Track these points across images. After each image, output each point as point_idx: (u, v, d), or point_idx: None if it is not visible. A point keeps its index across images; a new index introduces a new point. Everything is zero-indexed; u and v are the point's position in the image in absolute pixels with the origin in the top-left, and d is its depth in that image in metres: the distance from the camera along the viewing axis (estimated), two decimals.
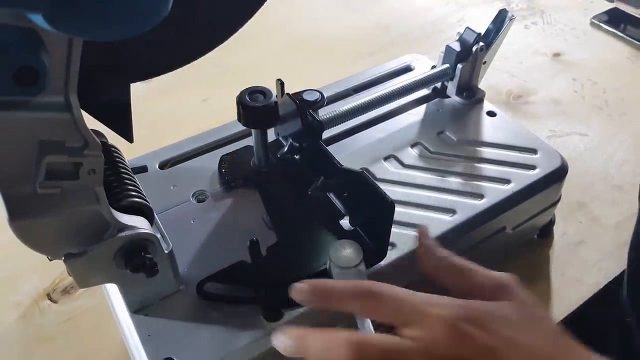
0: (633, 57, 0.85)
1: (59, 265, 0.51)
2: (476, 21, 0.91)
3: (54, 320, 0.49)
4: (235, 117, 0.53)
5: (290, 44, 0.86)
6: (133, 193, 0.36)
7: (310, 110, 0.45)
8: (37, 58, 0.25)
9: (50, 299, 0.50)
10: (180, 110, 0.72)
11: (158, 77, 0.40)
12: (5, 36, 0.24)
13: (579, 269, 0.55)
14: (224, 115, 0.58)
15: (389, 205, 0.38)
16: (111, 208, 0.33)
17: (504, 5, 0.97)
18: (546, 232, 0.58)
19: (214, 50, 0.40)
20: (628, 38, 0.87)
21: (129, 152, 0.43)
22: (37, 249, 0.31)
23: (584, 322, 0.54)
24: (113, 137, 0.39)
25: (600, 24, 0.89)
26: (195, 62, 0.40)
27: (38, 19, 0.18)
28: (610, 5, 0.95)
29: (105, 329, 0.48)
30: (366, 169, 0.49)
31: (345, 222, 0.44)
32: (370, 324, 0.35)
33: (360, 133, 0.54)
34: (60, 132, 0.29)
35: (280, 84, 0.45)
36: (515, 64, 0.82)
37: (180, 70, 0.40)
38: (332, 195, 0.46)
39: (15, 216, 0.29)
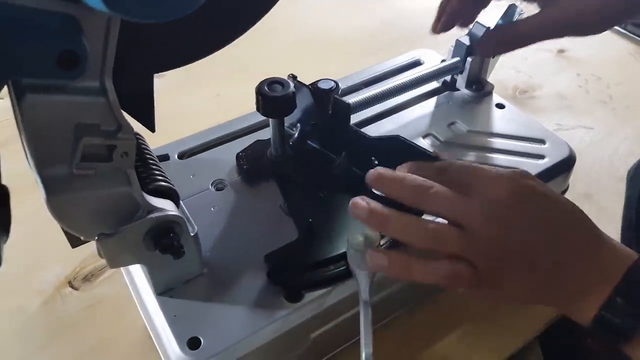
0: (635, 53, 0.86)
1: (80, 253, 0.53)
2: (482, 17, 0.92)
3: (75, 307, 0.50)
4: (248, 110, 0.55)
5: (297, 42, 0.87)
6: (160, 177, 0.38)
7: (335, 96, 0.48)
8: (78, 42, 0.26)
9: (72, 287, 0.51)
10: (194, 104, 0.74)
11: (172, 72, 0.42)
12: (48, 22, 0.26)
13: None
14: (236, 109, 0.59)
15: (433, 159, 0.39)
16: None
17: (509, 1, 0.99)
18: None
19: (225, 48, 0.42)
20: (630, 35, 0.88)
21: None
22: (72, 228, 0.33)
23: None
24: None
25: None
26: (208, 58, 0.42)
27: (94, 1, 0.20)
28: None
29: (126, 314, 0.49)
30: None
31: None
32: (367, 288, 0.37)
33: (370, 125, 0.55)
34: (96, 116, 0.30)
35: (293, 77, 0.47)
36: (520, 60, 0.84)
37: (193, 66, 0.41)
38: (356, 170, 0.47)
39: (52, 194, 0.30)
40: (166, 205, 0.36)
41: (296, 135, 0.50)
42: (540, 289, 0.34)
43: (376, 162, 0.45)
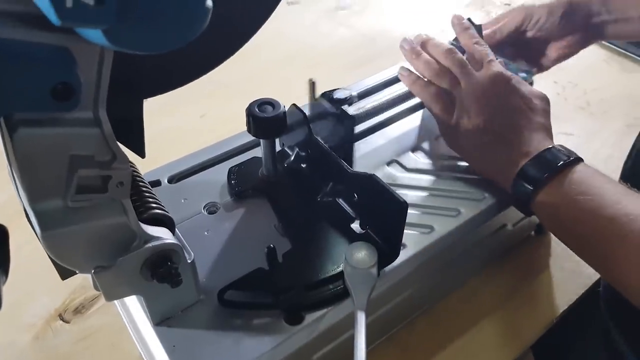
0: (609, 59, 0.89)
1: (69, 284, 0.52)
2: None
3: (68, 341, 0.48)
4: (235, 129, 0.55)
5: (280, 59, 0.88)
6: (154, 205, 0.37)
7: (342, 107, 0.51)
8: (73, 74, 0.26)
9: (63, 319, 0.50)
10: (179, 126, 0.73)
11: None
12: (41, 54, 0.25)
13: (577, 262, 0.57)
14: (222, 130, 0.59)
15: (401, 204, 0.39)
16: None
17: (483, 14, 1.01)
18: (543, 228, 0.60)
19: None
20: (604, 42, 0.91)
21: None
22: (68, 263, 0.32)
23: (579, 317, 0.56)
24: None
25: None
26: None
27: (94, 35, 0.19)
28: None
29: (121, 346, 0.48)
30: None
31: (355, 226, 0.46)
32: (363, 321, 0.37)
33: (359, 142, 0.55)
34: (90, 147, 0.30)
35: (312, 84, 0.50)
36: None
37: None
38: (341, 201, 0.47)
39: (47, 229, 0.30)
40: (162, 234, 0.35)
41: (292, 158, 0.50)
42: (484, 153, 0.48)
43: (355, 198, 0.46)
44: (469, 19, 0.57)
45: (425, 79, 0.53)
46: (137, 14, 0.19)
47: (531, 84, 0.61)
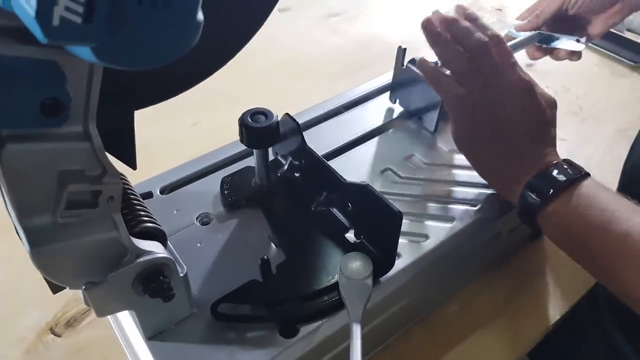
0: (600, 63, 0.89)
1: (60, 299, 0.51)
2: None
3: (60, 355, 0.48)
4: (228, 137, 0.54)
5: (274, 66, 0.87)
6: (145, 218, 0.37)
7: None
8: (62, 89, 0.26)
9: (54, 333, 0.49)
10: (171, 135, 0.73)
11: None
12: (30, 69, 0.25)
13: (571, 268, 0.57)
14: (215, 138, 0.59)
15: (396, 214, 0.39)
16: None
17: None
18: (537, 234, 0.60)
19: None
20: (595, 47, 0.91)
21: None
22: (58, 280, 0.31)
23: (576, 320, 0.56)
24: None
25: None
26: None
27: (82, 52, 0.19)
28: None
29: (113, 359, 0.47)
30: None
31: (350, 236, 0.45)
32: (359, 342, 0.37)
33: (351, 150, 0.55)
34: (80, 161, 0.29)
35: (403, 50, 0.56)
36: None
37: None
38: (335, 210, 0.47)
39: (36, 247, 0.29)
40: (154, 247, 0.35)
41: (286, 167, 0.50)
42: (496, 162, 0.47)
43: (349, 208, 0.45)
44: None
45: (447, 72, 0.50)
46: (127, 30, 0.18)
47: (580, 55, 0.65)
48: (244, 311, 0.40)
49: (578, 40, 0.63)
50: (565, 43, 0.64)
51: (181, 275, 0.37)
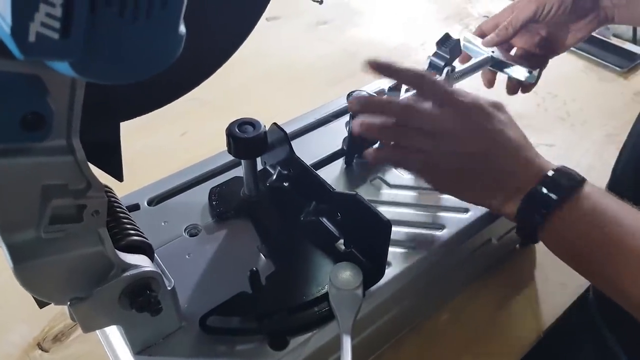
0: (587, 69, 0.90)
1: (47, 313, 0.50)
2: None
3: None
4: (216, 147, 0.54)
5: (262, 75, 0.87)
6: (132, 232, 0.36)
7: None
8: (43, 103, 0.25)
9: (42, 349, 0.49)
10: (159, 145, 0.72)
11: None
12: (10, 83, 0.25)
13: (562, 273, 0.57)
14: (204, 147, 0.58)
15: (385, 224, 0.39)
16: None
17: (461, 27, 1.02)
18: (527, 241, 0.60)
19: None
20: (581, 52, 0.92)
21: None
22: (42, 296, 0.31)
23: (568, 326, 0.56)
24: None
25: None
26: None
27: (61, 67, 0.19)
28: None
29: None
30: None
31: (339, 245, 0.45)
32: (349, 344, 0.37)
33: (340, 159, 0.55)
34: (64, 176, 0.29)
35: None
36: (480, 81, 0.86)
37: None
38: (324, 220, 0.47)
39: (19, 262, 0.29)
40: (141, 261, 0.35)
41: (274, 177, 0.50)
42: (484, 192, 0.44)
43: (338, 217, 0.45)
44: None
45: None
46: (106, 44, 0.18)
47: (535, 82, 0.63)
48: (234, 324, 0.40)
49: (530, 72, 0.61)
50: (517, 71, 0.62)
51: (169, 288, 0.36)
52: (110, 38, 0.19)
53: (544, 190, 0.40)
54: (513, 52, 0.66)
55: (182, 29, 0.21)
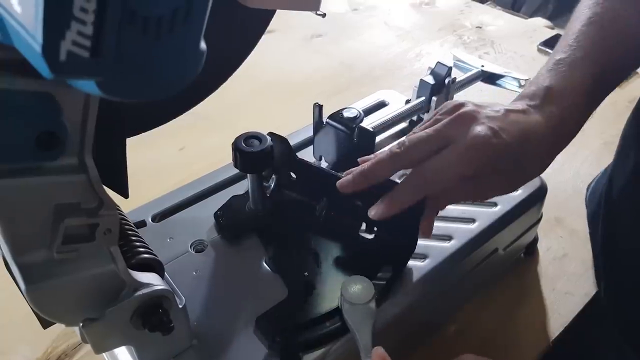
0: None
1: (50, 334, 0.49)
2: (432, 56, 0.95)
3: None
4: (216, 161, 0.54)
5: (259, 88, 0.87)
6: (141, 249, 0.36)
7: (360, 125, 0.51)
8: (58, 122, 0.25)
9: None
10: (159, 159, 0.72)
11: None
12: (25, 102, 0.24)
13: (568, 282, 0.57)
14: (203, 162, 0.58)
15: None
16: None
17: (455, 39, 1.03)
18: (531, 249, 0.60)
19: None
20: None
21: None
22: (54, 318, 0.30)
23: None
24: None
25: (546, 49, 0.95)
26: None
27: (86, 85, 0.18)
28: (553, 32, 1.02)
29: None
30: None
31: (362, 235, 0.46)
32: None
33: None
34: (76, 194, 0.28)
35: (319, 107, 0.51)
36: (476, 92, 0.86)
37: None
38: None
39: (32, 284, 0.28)
40: (152, 279, 0.34)
41: (272, 186, 0.49)
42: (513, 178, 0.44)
43: (359, 203, 0.45)
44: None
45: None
46: (131, 62, 0.18)
47: None
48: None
49: (520, 85, 0.63)
50: (509, 82, 0.64)
51: (180, 306, 0.36)
52: (135, 55, 0.19)
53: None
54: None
55: (203, 45, 0.21)
